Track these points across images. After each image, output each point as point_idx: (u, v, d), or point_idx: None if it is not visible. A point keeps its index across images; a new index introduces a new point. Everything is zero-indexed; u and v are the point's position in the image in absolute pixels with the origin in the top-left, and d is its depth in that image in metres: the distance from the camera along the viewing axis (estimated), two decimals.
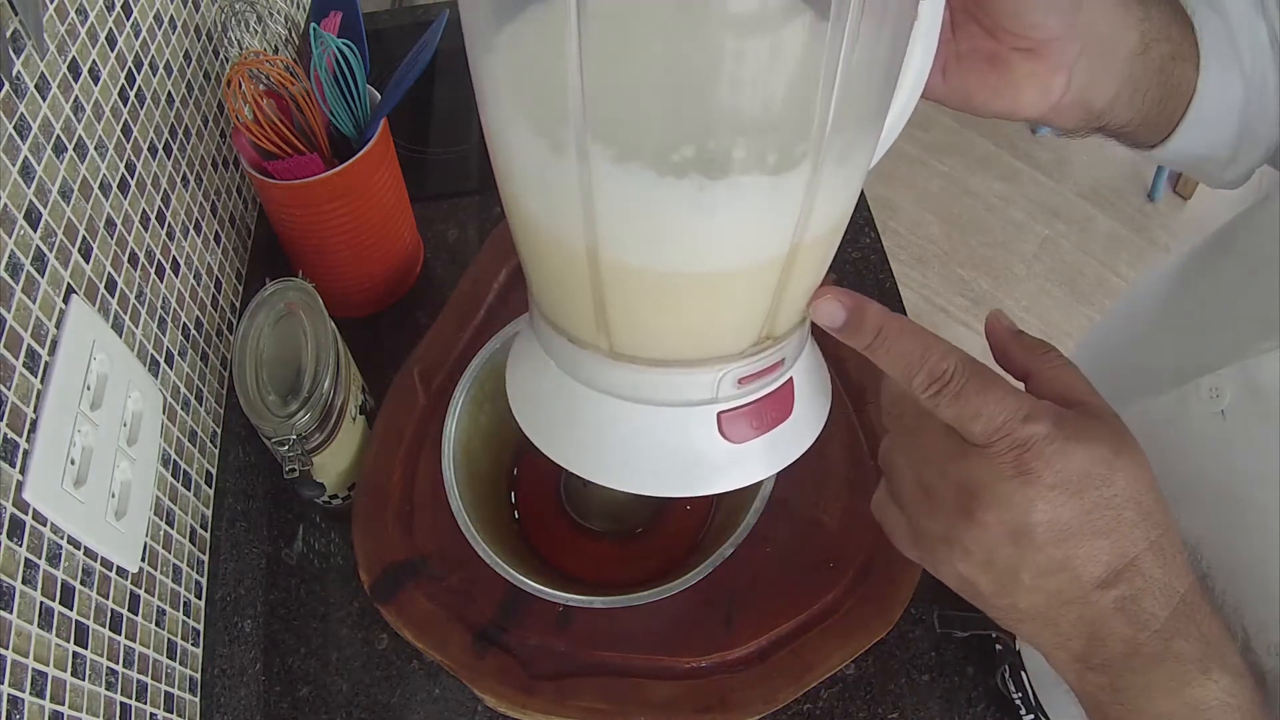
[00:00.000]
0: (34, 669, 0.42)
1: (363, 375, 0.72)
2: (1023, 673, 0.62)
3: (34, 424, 0.45)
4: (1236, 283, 0.49)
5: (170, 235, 0.65)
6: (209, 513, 0.67)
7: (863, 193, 0.91)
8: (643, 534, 0.65)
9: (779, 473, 0.56)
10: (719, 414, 0.34)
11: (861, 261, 0.85)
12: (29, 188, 0.47)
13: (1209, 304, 0.51)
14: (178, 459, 0.62)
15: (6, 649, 0.40)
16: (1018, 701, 0.62)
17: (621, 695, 0.57)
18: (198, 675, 0.61)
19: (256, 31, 0.71)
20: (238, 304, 0.78)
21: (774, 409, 0.35)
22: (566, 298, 0.33)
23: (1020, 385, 0.36)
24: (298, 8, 0.73)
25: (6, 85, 0.46)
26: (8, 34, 0.46)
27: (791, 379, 0.36)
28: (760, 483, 0.57)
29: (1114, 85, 0.42)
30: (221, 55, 0.78)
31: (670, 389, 0.34)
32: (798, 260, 0.32)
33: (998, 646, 0.64)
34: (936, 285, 2.02)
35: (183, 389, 0.64)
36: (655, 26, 0.27)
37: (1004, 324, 0.38)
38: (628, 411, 0.34)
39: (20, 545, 0.42)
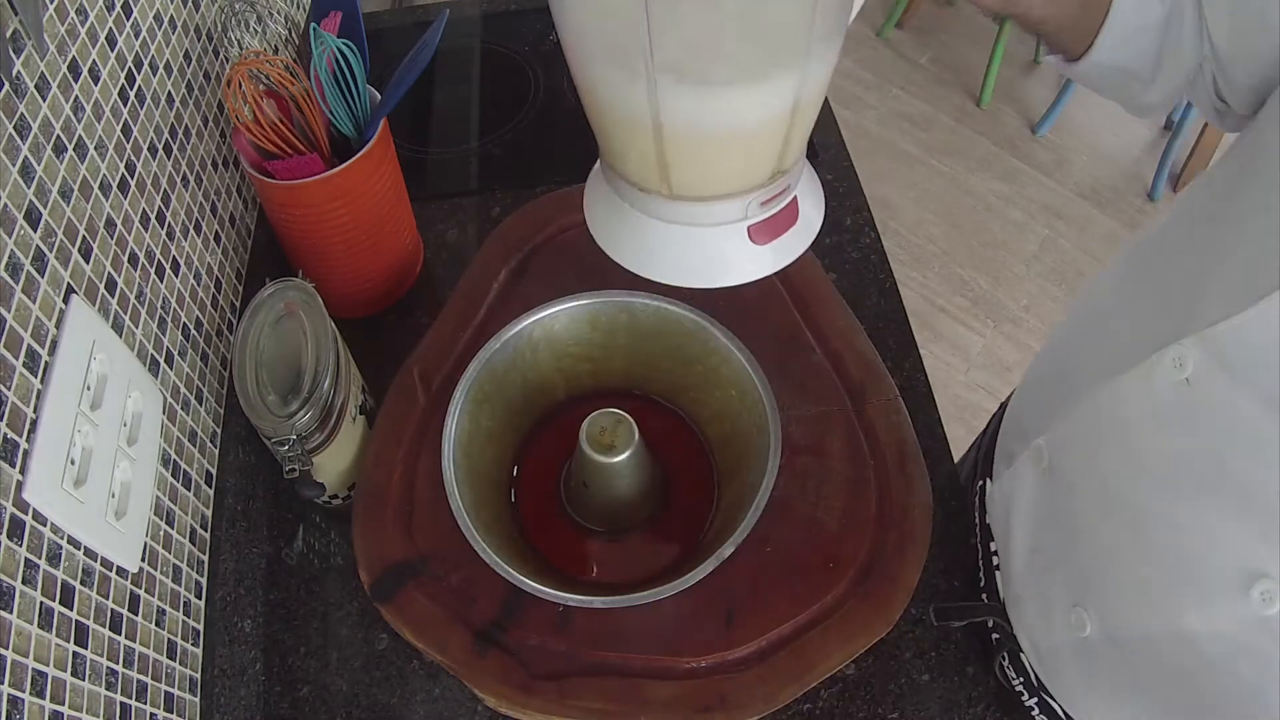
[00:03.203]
0: (34, 669, 0.42)
1: (363, 375, 0.72)
2: (1022, 655, 0.62)
3: (34, 424, 0.45)
4: (1190, 257, 0.49)
5: (170, 235, 0.65)
6: (209, 513, 0.67)
7: (863, 193, 0.91)
8: (643, 534, 0.65)
9: (779, 473, 0.57)
10: (748, 227, 0.46)
11: (861, 261, 0.85)
12: (29, 188, 0.47)
13: (1164, 281, 0.52)
14: (178, 459, 0.62)
15: (6, 649, 0.40)
16: (1019, 687, 0.62)
17: (621, 695, 0.57)
18: (198, 675, 0.61)
19: (256, 31, 0.71)
20: (238, 304, 0.78)
21: (785, 218, 0.47)
22: (636, 160, 0.45)
23: None
24: (298, 8, 0.73)
25: (6, 85, 0.46)
26: (8, 34, 0.46)
27: (795, 196, 0.48)
28: (760, 483, 0.57)
29: None
30: (221, 55, 0.78)
31: (715, 214, 0.46)
32: (798, 114, 0.43)
33: (994, 635, 0.64)
34: (936, 285, 2.02)
35: (183, 389, 0.64)
36: None
37: None
38: (685, 233, 0.46)
39: (20, 545, 0.42)
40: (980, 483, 0.71)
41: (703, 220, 0.46)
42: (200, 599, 0.63)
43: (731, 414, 0.65)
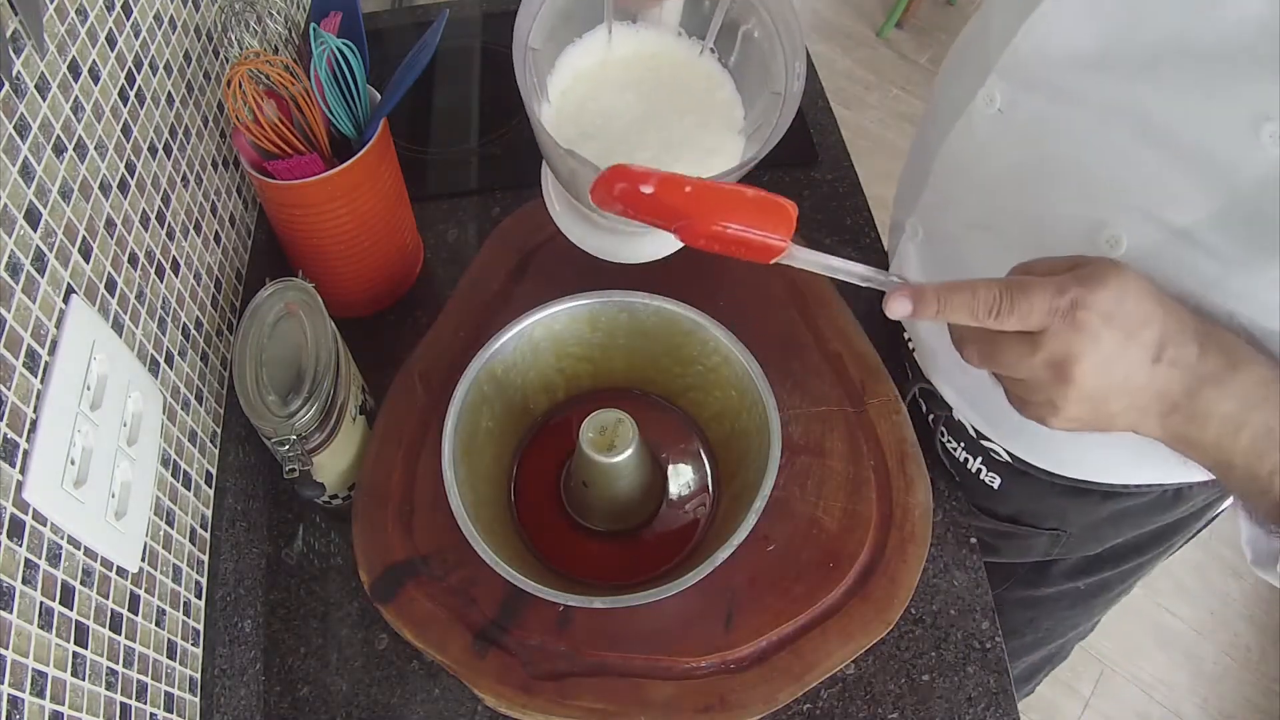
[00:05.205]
0: (34, 669, 0.42)
1: (363, 375, 0.72)
2: (954, 415, 0.68)
3: (34, 424, 0.45)
4: (989, 21, 0.59)
5: (170, 235, 0.65)
6: (209, 513, 0.67)
7: (863, 193, 0.91)
8: (643, 534, 0.65)
9: (779, 473, 0.57)
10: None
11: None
12: (29, 188, 0.47)
13: (974, 46, 0.60)
14: (178, 459, 0.62)
15: (6, 649, 0.40)
16: (963, 455, 0.70)
17: (621, 695, 0.57)
18: (198, 675, 0.61)
19: (256, 31, 0.71)
20: (238, 304, 0.78)
21: None
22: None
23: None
24: (298, 8, 0.73)
25: (6, 85, 0.46)
26: (8, 34, 0.46)
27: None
28: (760, 483, 0.57)
29: None
30: (221, 55, 0.78)
31: None
32: None
33: (930, 416, 0.71)
34: None
35: (183, 389, 0.64)
36: None
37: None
38: (654, 233, 0.57)
39: (20, 545, 0.43)
40: None
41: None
42: (200, 599, 0.63)
43: (731, 414, 0.65)
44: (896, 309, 0.47)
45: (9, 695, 0.40)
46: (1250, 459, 0.44)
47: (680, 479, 0.67)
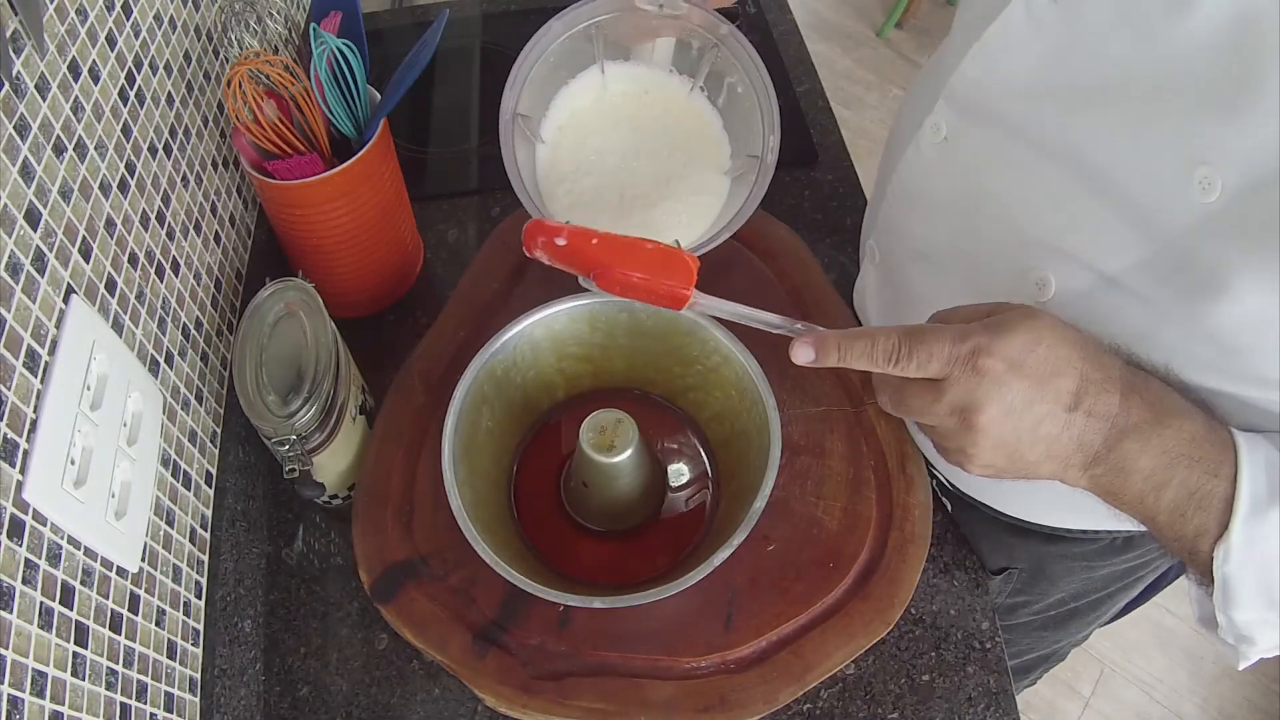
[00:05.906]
0: (34, 669, 0.42)
1: (363, 375, 0.72)
2: (935, 471, 0.70)
3: (34, 424, 0.45)
4: (943, 53, 0.60)
5: (170, 235, 0.65)
6: (209, 513, 0.67)
7: (862, 193, 0.91)
8: (643, 534, 0.65)
9: (779, 473, 0.57)
10: None
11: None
12: (29, 188, 0.47)
13: (929, 77, 0.62)
14: (178, 459, 0.62)
15: (6, 649, 0.40)
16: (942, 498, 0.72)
17: (621, 695, 0.57)
18: (198, 675, 0.61)
19: (256, 31, 0.71)
20: (238, 304, 0.78)
21: None
22: None
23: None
24: (298, 8, 0.73)
25: (6, 85, 0.46)
26: (8, 34, 0.46)
27: None
28: (760, 483, 0.57)
29: None
30: (221, 55, 0.78)
31: None
32: None
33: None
34: None
35: (183, 389, 0.64)
36: None
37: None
38: None
39: (20, 545, 0.43)
40: None
41: None
42: (200, 599, 0.63)
43: (731, 414, 0.65)
44: (800, 355, 0.47)
45: (9, 695, 0.40)
46: (1174, 518, 0.43)
47: (680, 479, 0.67)
